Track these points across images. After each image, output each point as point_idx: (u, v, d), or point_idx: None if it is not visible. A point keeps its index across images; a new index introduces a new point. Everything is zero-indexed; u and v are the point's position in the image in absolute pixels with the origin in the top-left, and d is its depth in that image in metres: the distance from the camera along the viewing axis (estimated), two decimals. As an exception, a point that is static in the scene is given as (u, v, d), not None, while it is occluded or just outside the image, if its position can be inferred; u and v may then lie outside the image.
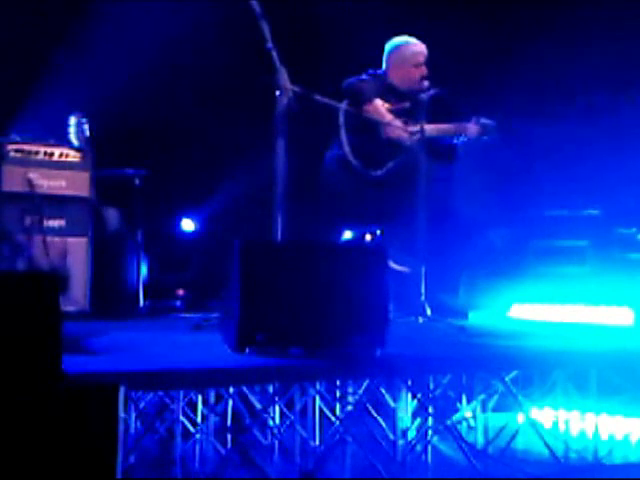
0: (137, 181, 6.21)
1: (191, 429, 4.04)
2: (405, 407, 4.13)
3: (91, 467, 2.62)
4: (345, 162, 5.79)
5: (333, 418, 4.10)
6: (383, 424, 4.15)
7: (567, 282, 6.22)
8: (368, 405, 4.11)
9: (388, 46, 6.04)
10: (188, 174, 7.24)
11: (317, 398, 4.14)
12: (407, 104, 5.88)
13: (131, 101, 6.68)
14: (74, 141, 5.86)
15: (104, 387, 2.71)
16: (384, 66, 6.05)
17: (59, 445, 2.59)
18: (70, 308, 5.34)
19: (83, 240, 5.72)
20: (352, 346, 3.60)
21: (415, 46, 5.96)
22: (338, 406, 4.15)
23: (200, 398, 4.10)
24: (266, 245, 3.97)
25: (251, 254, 3.65)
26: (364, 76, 6.00)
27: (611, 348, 4.42)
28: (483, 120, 5.89)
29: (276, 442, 4.17)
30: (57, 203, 5.65)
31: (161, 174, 6.44)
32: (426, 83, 5.58)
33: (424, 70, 5.89)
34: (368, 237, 5.83)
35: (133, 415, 3.92)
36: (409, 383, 4.01)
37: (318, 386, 4.08)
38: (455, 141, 5.95)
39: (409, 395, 4.09)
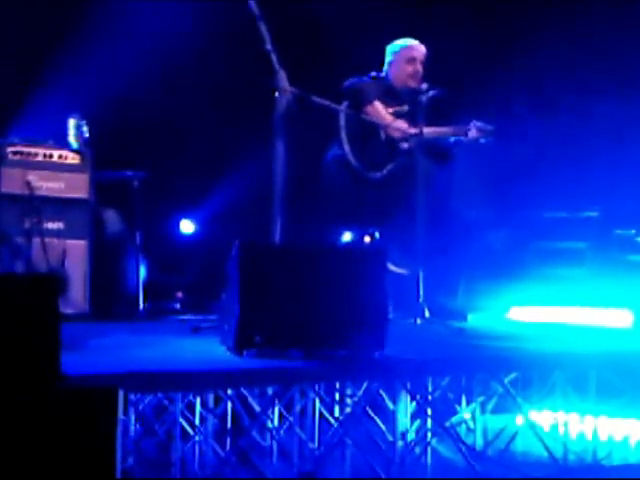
0: (136, 183, 6.20)
1: (190, 431, 4.04)
2: (404, 409, 4.13)
3: (90, 469, 2.62)
4: (345, 163, 5.79)
5: (332, 420, 4.10)
6: (382, 426, 4.14)
7: (566, 284, 6.22)
8: (367, 407, 4.10)
9: (388, 48, 6.08)
10: (187, 176, 7.23)
11: (316, 400, 4.14)
12: (406, 107, 5.89)
13: (130, 103, 6.68)
14: (73, 143, 5.86)
15: (103, 389, 2.71)
16: (385, 68, 6.08)
17: (58, 447, 2.59)
18: (69, 310, 5.33)
19: (82, 242, 5.71)
20: (351, 348, 3.60)
21: (410, 43, 6.01)
22: (337, 408, 4.15)
23: (199, 400, 4.10)
24: (265, 247, 3.97)
25: (250, 256, 3.65)
26: (365, 78, 6.02)
27: (610, 350, 4.42)
28: (481, 124, 5.90)
29: (275, 444, 4.17)
30: (56, 205, 5.64)
31: (160, 176, 6.43)
32: (425, 85, 5.58)
33: (418, 67, 5.93)
34: (367, 239, 5.83)
35: (132, 417, 3.92)
36: (408, 385, 4.00)
37: (317, 388, 4.08)
38: (451, 140, 5.97)
39: (408, 397, 4.09)
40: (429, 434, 4.15)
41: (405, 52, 6.00)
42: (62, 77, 6.52)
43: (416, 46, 6.01)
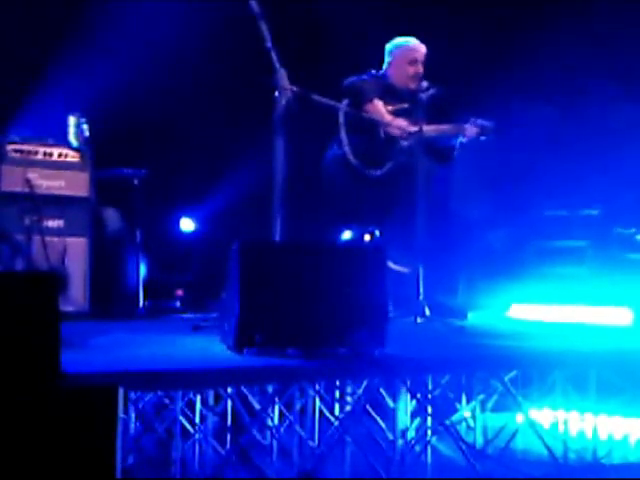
0: (136, 181, 6.20)
1: (190, 429, 4.04)
2: (404, 407, 4.12)
3: (90, 467, 2.62)
4: (345, 161, 5.79)
5: (332, 418, 4.10)
6: (382, 424, 4.14)
7: (566, 282, 6.23)
8: (367, 405, 4.10)
9: (388, 46, 6.08)
10: (187, 174, 7.24)
11: (316, 398, 4.14)
12: (406, 105, 5.89)
13: (130, 101, 6.67)
14: (73, 141, 5.86)
15: (103, 387, 2.71)
16: (384, 67, 6.08)
17: (58, 445, 2.59)
18: (69, 308, 5.34)
19: (82, 240, 5.72)
20: (351, 346, 3.60)
21: (412, 44, 6.01)
22: (337, 406, 4.14)
23: (199, 398, 4.10)
24: (265, 245, 3.97)
25: (250, 254, 3.65)
26: (365, 76, 6.02)
27: (610, 348, 4.42)
28: (481, 121, 5.90)
29: (275, 442, 4.17)
30: (56, 203, 5.65)
31: (160, 174, 6.44)
32: (425, 83, 5.58)
33: (419, 68, 5.92)
34: (367, 237, 5.83)
35: (132, 415, 3.92)
36: (408, 383, 4.00)
37: (317, 386, 4.08)
38: (453, 141, 5.96)
39: (408, 395, 4.09)
40: (429, 432, 4.15)
41: (407, 53, 5.98)
42: (62, 75, 6.52)
43: (417, 47, 5.99)
